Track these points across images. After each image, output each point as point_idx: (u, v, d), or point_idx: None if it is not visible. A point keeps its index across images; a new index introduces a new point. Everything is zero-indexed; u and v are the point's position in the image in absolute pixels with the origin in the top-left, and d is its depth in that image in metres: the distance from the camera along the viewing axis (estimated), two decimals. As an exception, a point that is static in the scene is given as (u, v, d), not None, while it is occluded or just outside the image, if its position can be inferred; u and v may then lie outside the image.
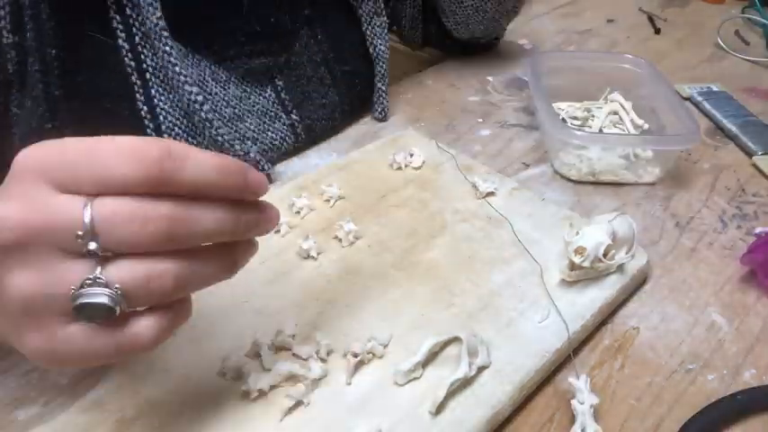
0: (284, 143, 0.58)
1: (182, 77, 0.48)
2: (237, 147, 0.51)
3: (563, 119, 0.64)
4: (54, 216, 0.25)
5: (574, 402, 0.36)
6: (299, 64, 0.59)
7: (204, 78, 0.52)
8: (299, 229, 0.48)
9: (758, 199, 0.56)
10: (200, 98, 0.49)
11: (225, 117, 0.54)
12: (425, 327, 0.40)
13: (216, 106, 0.53)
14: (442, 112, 0.68)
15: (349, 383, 0.36)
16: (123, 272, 0.25)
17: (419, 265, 0.45)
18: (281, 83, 0.58)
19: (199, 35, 0.52)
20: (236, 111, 0.55)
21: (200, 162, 0.26)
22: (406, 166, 0.55)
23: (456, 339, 0.38)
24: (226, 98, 0.54)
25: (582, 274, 0.43)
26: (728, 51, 0.84)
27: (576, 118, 0.64)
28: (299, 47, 0.58)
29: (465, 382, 0.36)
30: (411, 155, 0.56)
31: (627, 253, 0.44)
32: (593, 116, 0.63)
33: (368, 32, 0.63)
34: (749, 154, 0.62)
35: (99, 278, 0.25)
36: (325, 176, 0.54)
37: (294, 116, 0.58)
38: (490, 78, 0.75)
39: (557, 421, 0.37)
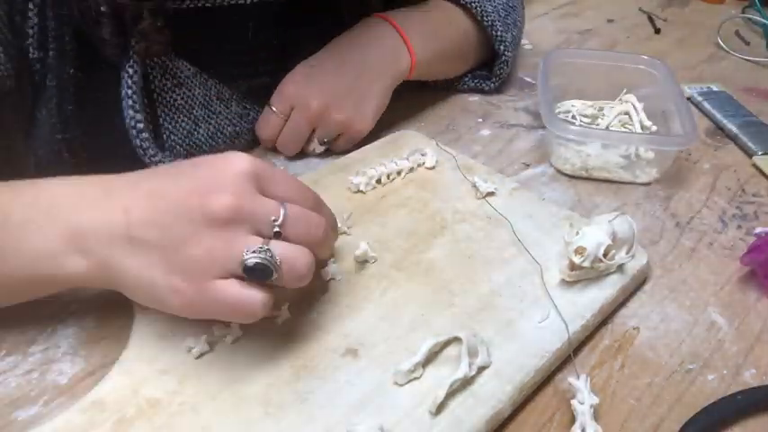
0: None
1: (187, 97, 0.52)
2: None
3: (573, 116, 0.64)
4: (260, 208, 0.35)
5: (574, 402, 0.36)
6: None
7: (210, 98, 0.55)
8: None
9: (758, 199, 0.56)
10: (201, 117, 0.54)
11: (226, 135, 0.57)
12: (425, 327, 0.40)
13: (220, 125, 0.56)
14: (442, 112, 0.68)
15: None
16: (283, 249, 0.35)
17: (419, 265, 0.45)
18: None
19: (206, 56, 0.53)
20: (237, 128, 0.58)
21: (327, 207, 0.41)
22: (413, 169, 0.55)
23: (456, 339, 0.38)
24: (228, 116, 0.57)
25: (582, 274, 0.43)
26: (728, 51, 0.84)
27: (585, 116, 0.64)
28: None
29: (465, 382, 0.36)
30: (423, 154, 0.56)
31: (627, 253, 0.45)
32: (603, 115, 0.63)
33: None
34: (749, 154, 0.62)
35: (268, 249, 0.34)
36: (326, 176, 0.54)
37: None
38: (490, 78, 0.75)
39: (557, 421, 0.37)
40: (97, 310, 0.43)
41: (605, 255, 0.42)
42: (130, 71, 0.48)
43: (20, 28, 0.44)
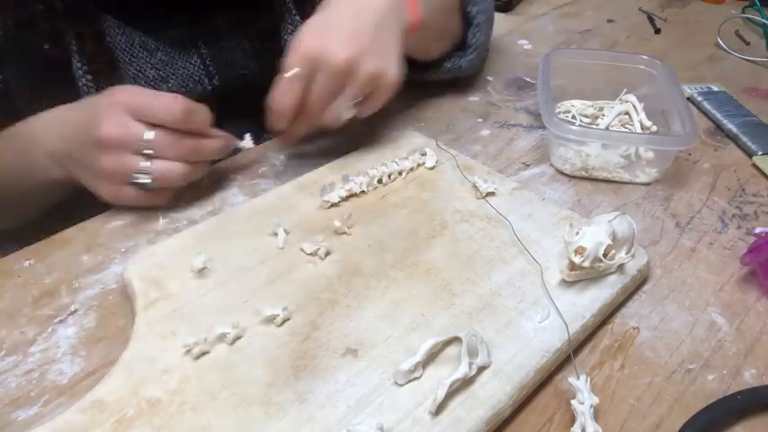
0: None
1: (110, 47, 0.57)
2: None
3: (573, 116, 0.64)
4: (135, 132, 0.46)
5: (574, 402, 0.36)
6: (221, 34, 0.62)
7: (132, 45, 0.58)
8: (300, 229, 0.48)
9: (758, 199, 0.56)
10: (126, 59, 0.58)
11: (149, 77, 0.59)
12: (425, 327, 0.40)
13: (141, 68, 0.59)
14: (442, 112, 0.68)
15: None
16: (158, 165, 0.47)
17: (419, 265, 0.45)
18: (205, 50, 0.61)
19: (127, 9, 0.57)
20: (161, 72, 0.60)
21: (201, 118, 0.49)
22: (413, 169, 0.55)
23: (456, 339, 0.38)
24: (151, 62, 0.59)
25: (582, 274, 0.43)
26: (728, 51, 0.84)
27: (585, 116, 0.64)
28: (223, 17, 0.62)
29: (465, 382, 0.36)
30: (423, 154, 0.56)
31: (627, 253, 0.44)
32: (603, 115, 0.63)
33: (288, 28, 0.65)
34: (749, 154, 0.62)
35: (148, 170, 0.47)
36: (326, 176, 0.54)
37: (216, 82, 0.62)
38: (490, 78, 0.75)
39: (557, 421, 0.37)
40: (97, 310, 0.43)
41: (605, 255, 0.42)
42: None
43: None
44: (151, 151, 0.47)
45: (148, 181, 0.47)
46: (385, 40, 0.52)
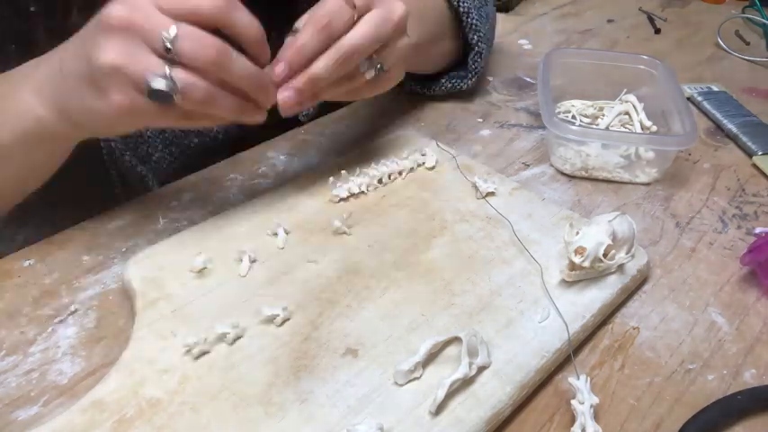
0: None
1: None
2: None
3: (573, 116, 0.64)
4: (151, 22, 0.37)
5: (574, 402, 0.36)
6: None
7: None
8: (300, 229, 0.48)
9: (758, 199, 0.56)
10: None
11: None
12: (425, 327, 0.40)
13: None
14: (442, 112, 0.68)
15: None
16: (181, 75, 0.38)
17: (419, 265, 0.45)
18: None
19: None
20: None
21: (248, 20, 0.40)
22: (413, 169, 0.55)
23: (456, 339, 0.38)
24: None
25: (582, 274, 0.43)
26: (728, 51, 0.84)
27: (585, 116, 0.64)
28: None
29: (465, 382, 0.36)
30: (423, 154, 0.56)
31: (627, 253, 0.45)
32: (603, 115, 0.63)
33: None
34: (749, 154, 0.62)
35: (167, 74, 0.38)
36: (326, 176, 0.54)
37: None
38: (490, 78, 0.75)
39: (557, 421, 0.37)
40: (97, 310, 0.43)
41: (605, 255, 0.42)
42: None
43: None
44: (174, 55, 0.38)
45: (169, 91, 0.38)
46: None
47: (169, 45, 0.37)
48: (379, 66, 0.48)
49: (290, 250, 0.46)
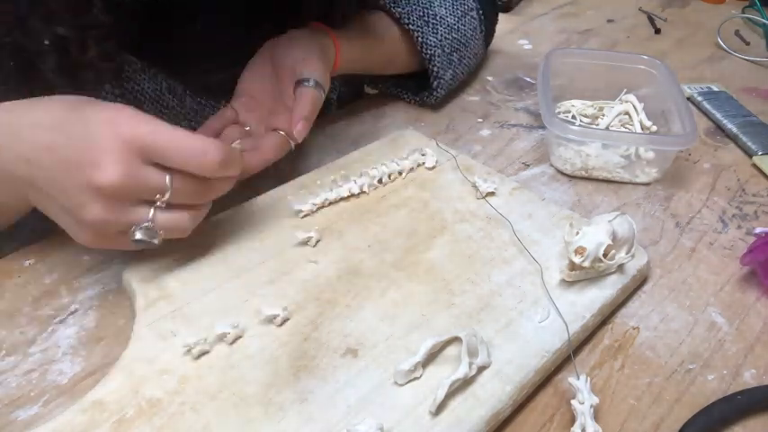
0: None
1: (135, 92, 0.50)
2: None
3: (573, 116, 0.64)
4: (146, 181, 0.37)
5: (574, 402, 0.36)
6: None
7: (160, 92, 0.53)
8: (300, 229, 0.48)
9: (758, 199, 0.56)
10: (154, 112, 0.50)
11: None
12: (425, 327, 0.40)
13: (173, 120, 0.53)
14: (442, 112, 0.68)
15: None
16: (164, 220, 0.39)
17: (419, 265, 0.45)
18: None
19: (155, 50, 0.51)
20: (193, 124, 0.55)
21: (238, 165, 0.41)
22: (413, 169, 0.55)
23: (456, 339, 0.38)
24: (183, 111, 0.54)
25: (582, 274, 0.43)
26: (728, 51, 0.84)
27: (585, 116, 0.64)
28: None
29: (465, 382, 0.36)
30: (423, 154, 0.56)
31: (627, 253, 0.44)
32: (603, 115, 0.63)
33: None
34: (749, 154, 0.62)
35: (150, 225, 0.38)
36: (326, 175, 0.54)
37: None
38: (490, 78, 0.75)
39: (557, 421, 0.37)
40: (97, 310, 0.43)
41: (605, 255, 0.42)
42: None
43: None
44: (163, 201, 0.38)
45: (155, 241, 0.39)
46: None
47: (161, 200, 0.38)
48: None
49: (290, 250, 0.46)
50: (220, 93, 0.56)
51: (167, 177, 0.37)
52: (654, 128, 0.61)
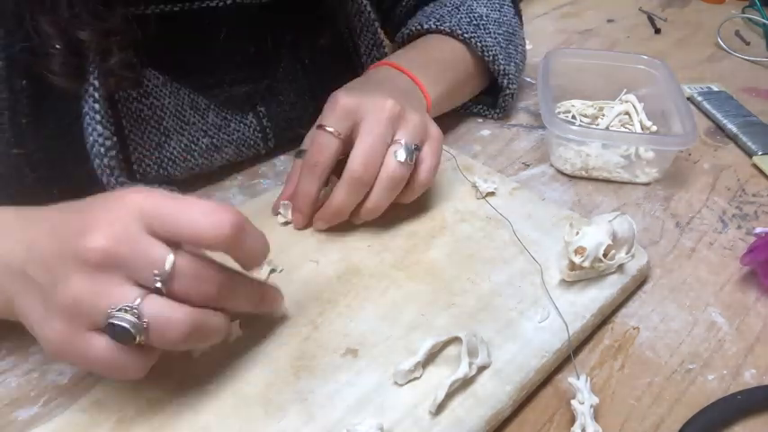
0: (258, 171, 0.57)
1: (155, 107, 0.49)
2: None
3: (573, 116, 0.64)
4: (141, 255, 0.30)
5: (574, 402, 0.36)
6: (281, 90, 0.57)
7: (182, 107, 0.52)
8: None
9: (758, 199, 0.56)
10: (173, 129, 0.50)
11: (201, 148, 0.53)
12: (425, 327, 0.40)
13: (193, 137, 0.52)
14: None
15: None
16: (155, 309, 0.31)
17: (419, 265, 0.45)
18: (262, 109, 0.56)
19: (176, 64, 0.50)
20: (214, 140, 0.54)
21: (256, 241, 0.34)
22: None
23: (456, 339, 0.38)
24: (204, 127, 0.53)
25: (582, 274, 0.43)
26: (728, 51, 0.84)
27: (585, 116, 0.64)
28: (282, 72, 0.57)
29: (465, 382, 0.36)
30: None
31: (627, 253, 0.44)
32: (603, 115, 0.64)
33: (367, 63, 0.61)
34: (749, 154, 0.62)
35: (135, 309, 0.30)
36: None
37: (271, 144, 0.58)
38: (490, 78, 0.75)
39: (557, 421, 0.37)
40: (97, 310, 0.43)
41: (605, 255, 0.42)
42: (90, 89, 0.44)
43: None
44: (159, 285, 0.31)
45: (136, 335, 0.30)
46: (414, 104, 0.50)
47: (160, 282, 0.30)
48: (415, 146, 0.46)
49: (290, 250, 0.46)
50: (247, 106, 0.56)
51: (170, 253, 0.31)
52: (654, 128, 0.61)
